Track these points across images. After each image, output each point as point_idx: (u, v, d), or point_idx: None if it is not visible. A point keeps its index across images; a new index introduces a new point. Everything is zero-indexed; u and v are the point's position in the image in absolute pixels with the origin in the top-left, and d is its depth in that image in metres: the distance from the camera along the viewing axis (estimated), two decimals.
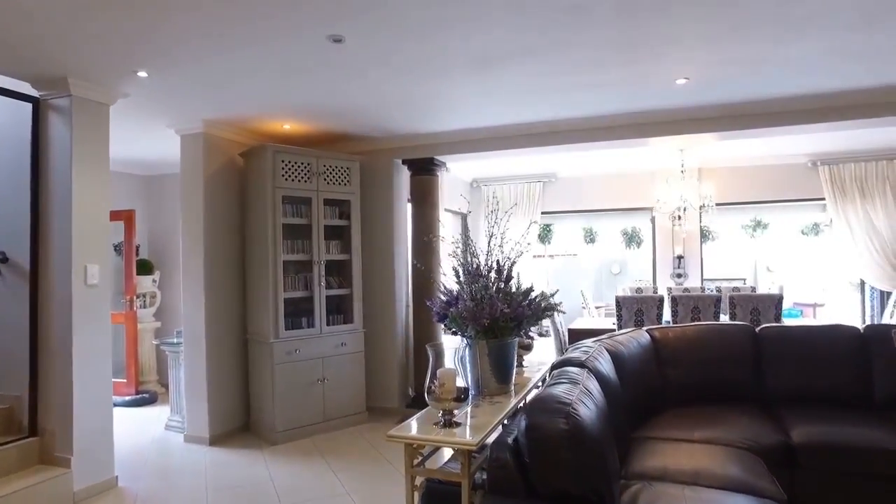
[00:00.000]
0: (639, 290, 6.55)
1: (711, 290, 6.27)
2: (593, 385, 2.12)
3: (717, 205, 5.78)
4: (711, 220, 6.91)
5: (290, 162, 4.50)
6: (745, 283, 8.25)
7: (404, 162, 5.33)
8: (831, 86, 3.65)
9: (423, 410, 2.43)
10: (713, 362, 3.44)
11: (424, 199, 5.34)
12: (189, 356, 4.46)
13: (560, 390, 1.89)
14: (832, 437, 2.79)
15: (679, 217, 6.24)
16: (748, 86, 3.68)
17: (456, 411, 2.14)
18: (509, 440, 1.83)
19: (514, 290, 2.57)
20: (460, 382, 2.21)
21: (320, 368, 4.63)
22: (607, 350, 2.86)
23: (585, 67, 3.31)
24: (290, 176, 4.50)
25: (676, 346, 3.47)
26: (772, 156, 6.18)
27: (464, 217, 7.90)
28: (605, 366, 2.60)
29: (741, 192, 6.33)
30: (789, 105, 3.97)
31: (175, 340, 4.76)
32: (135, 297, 5.71)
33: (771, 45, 3.00)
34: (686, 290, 6.06)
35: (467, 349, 2.59)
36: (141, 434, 4.67)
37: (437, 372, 2.10)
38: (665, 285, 6.74)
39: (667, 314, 4.98)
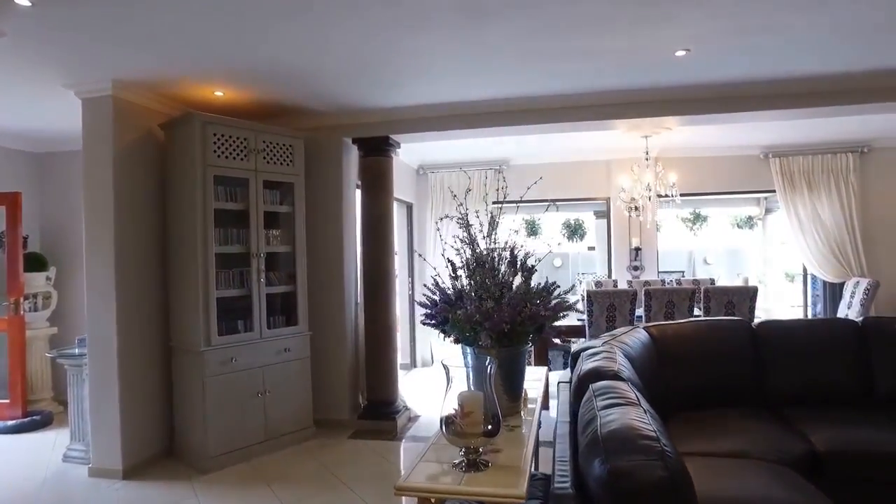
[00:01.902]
0: (598, 283, 6.32)
1: (670, 283, 6.15)
2: (645, 404, 1.69)
3: (669, 196, 5.63)
4: (664, 212, 6.81)
5: (223, 136, 3.78)
6: (683, 276, 8.32)
7: (355, 141, 4.73)
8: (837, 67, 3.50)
9: (428, 446, 1.90)
10: (713, 361, 3.18)
11: (376, 184, 4.76)
12: (96, 370, 3.64)
13: (632, 417, 1.44)
14: (856, 443, 2.58)
15: (636, 208, 6.06)
16: (751, 63, 3.43)
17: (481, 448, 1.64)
18: (567, 489, 1.36)
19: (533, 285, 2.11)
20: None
21: (261, 379, 3.95)
22: (623, 354, 2.47)
23: (584, 27, 2.90)
24: (223, 152, 3.78)
25: (676, 345, 3.18)
26: (727, 147, 6.14)
27: (409, 207, 7.36)
28: (632, 375, 2.20)
29: (697, 183, 6.24)
30: (789, 88, 3.81)
31: (76, 351, 3.90)
32: (22, 299, 4.71)
33: (785, 15, 2.73)
34: (658, 283, 5.91)
35: (471, 357, 2.11)
36: (31, 468, 3.78)
37: (460, 396, 1.59)
38: (622, 279, 6.57)
39: (639, 309, 4.74)
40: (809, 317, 6.54)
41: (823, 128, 5.41)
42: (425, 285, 2.48)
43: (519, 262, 2.14)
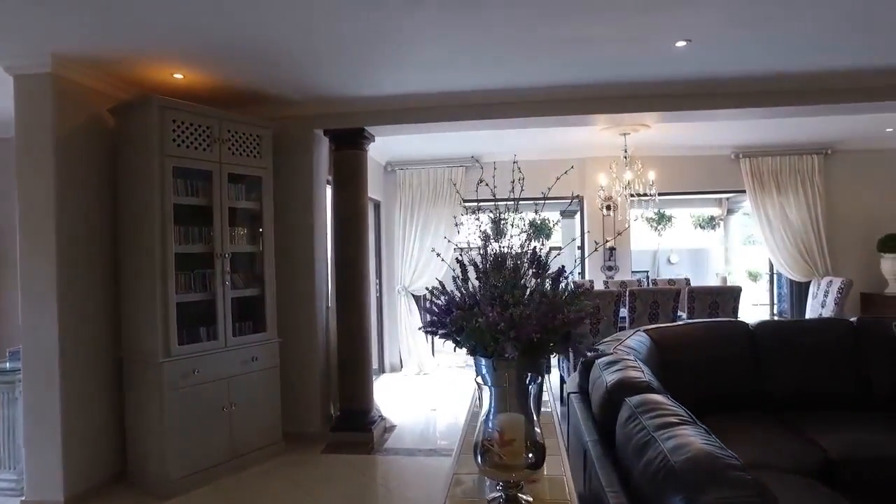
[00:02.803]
0: (577, 284, 6.20)
1: (645, 282, 6.12)
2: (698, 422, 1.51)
3: (648, 195, 5.59)
4: (631, 212, 6.78)
5: (184, 123, 3.40)
6: (648, 276, 8.38)
7: (326, 133, 4.41)
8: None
9: (450, 479, 1.65)
10: (714, 364, 3.07)
11: (350, 179, 4.46)
12: (32, 387, 3.19)
13: (704, 442, 1.25)
14: (868, 449, 2.53)
15: (610, 207, 6.00)
16: (751, 57, 3.35)
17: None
18: None
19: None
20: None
21: (226, 392, 3.59)
22: (639, 361, 2.29)
23: (582, 12, 2.72)
24: (184, 141, 3.40)
25: (676, 349, 3.04)
26: (699, 146, 6.16)
27: (377, 205, 7.06)
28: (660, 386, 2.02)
29: (669, 183, 6.22)
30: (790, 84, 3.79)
31: (7, 366, 3.42)
32: None
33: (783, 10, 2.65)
34: (634, 283, 5.83)
35: (487, 375, 1.87)
36: None
37: (498, 421, 1.35)
38: (598, 279, 6.49)
39: (622, 310, 4.63)
40: (775, 315, 6.65)
41: (790, 129, 5.49)
42: (428, 289, 2.23)
43: (542, 264, 1.91)
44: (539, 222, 11.26)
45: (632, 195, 5.64)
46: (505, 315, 1.72)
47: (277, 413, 3.95)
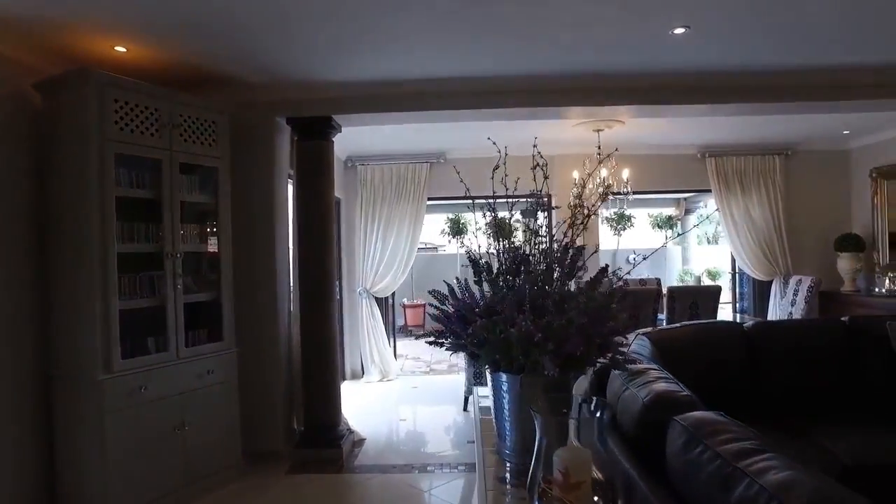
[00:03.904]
0: None
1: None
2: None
3: (623, 192, 5.50)
4: (603, 211, 6.71)
5: (128, 103, 2.95)
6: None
7: (290, 121, 4.03)
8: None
9: None
10: (711, 367, 2.93)
11: (316, 174, 4.09)
12: None
13: (814, 482, 1.03)
14: (879, 454, 2.43)
15: (581, 205, 5.86)
16: (753, 48, 3.24)
17: None
18: None
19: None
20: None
21: (178, 410, 3.16)
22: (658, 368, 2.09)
23: None
24: (128, 125, 2.95)
25: (674, 352, 2.86)
26: (666, 145, 6.13)
27: (337, 202, 6.66)
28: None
29: (636, 182, 6.16)
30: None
31: None
32: None
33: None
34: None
35: (507, 394, 1.62)
36: None
37: (561, 457, 1.08)
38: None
39: None
40: (738, 313, 6.74)
41: (755, 129, 5.53)
42: (431, 292, 1.94)
43: (576, 264, 1.68)
44: (498, 221, 11.12)
45: (614, 193, 5.55)
46: (540, 324, 1.47)
47: (237, 431, 3.54)
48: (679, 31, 2.96)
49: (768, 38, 3.11)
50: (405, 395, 5.70)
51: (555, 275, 1.67)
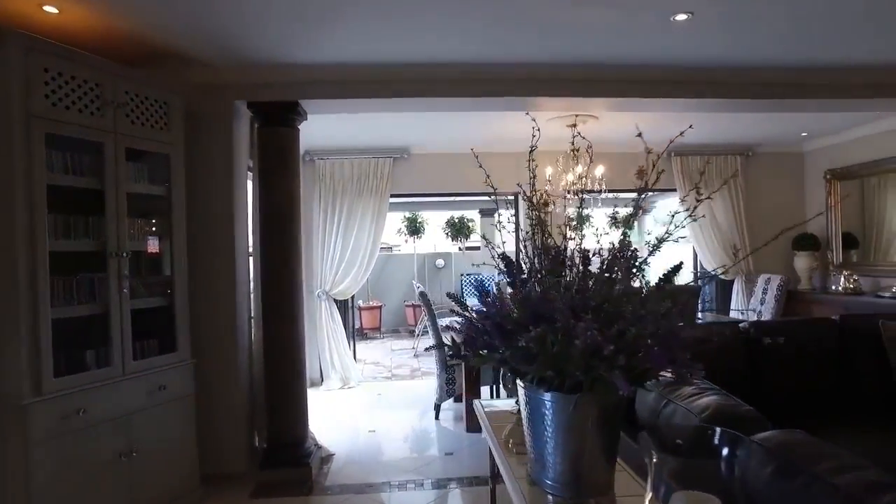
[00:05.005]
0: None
1: None
2: None
3: (598, 190, 5.40)
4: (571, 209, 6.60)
5: (62, 75, 2.50)
6: None
7: (251, 106, 3.63)
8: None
9: None
10: (713, 370, 2.79)
11: (280, 164, 3.71)
12: None
13: None
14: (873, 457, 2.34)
15: (547, 203, 5.73)
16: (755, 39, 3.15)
17: None
18: None
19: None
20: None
21: (125, 434, 2.73)
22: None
23: None
24: (62, 100, 2.50)
25: None
26: (635, 143, 6.07)
27: None
28: None
29: (606, 180, 6.10)
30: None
31: None
32: None
33: None
34: None
35: (553, 415, 1.37)
36: None
37: (676, 499, 0.84)
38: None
39: None
40: (700, 313, 6.79)
41: (718, 129, 5.57)
42: (448, 295, 1.67)
43: (635, 263, 1.45)
44: (457, 221, 10.86)
45: (590, 191, 5.43)
46: (609, 334, 1.22)
47: (193, 453, 3.13)
48: (681, 17, 2.82)
49: (772, 29, 3.03)
50: (370, 404, 5.37)
51: (614, 276, 1.43)
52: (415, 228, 10.21)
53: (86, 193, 2.65)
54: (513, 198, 6.85)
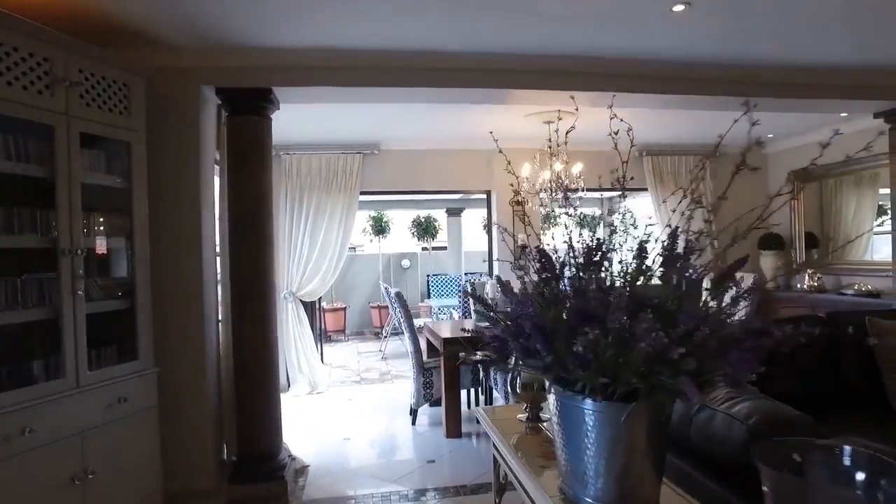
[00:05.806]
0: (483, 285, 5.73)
1: None
2: None
3: (577, 189, 5.33)
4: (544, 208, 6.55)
5: (2, 45, 2.19)
6: None
7: (219, 92, 3.35)
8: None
9: None
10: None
11: (250, 155, 3.45)
12: None
13: None
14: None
15: (520, 202, 5.67)
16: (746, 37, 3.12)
17: None
18: None
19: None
20: None
21: (79, 454, 2.42)
22: None
23: None
24: (2, 74, 2.19)
25: None
26: (607, 141, 6.06)
27: None
28: None
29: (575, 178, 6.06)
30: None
31: None
32: None
33: None
34: None
35: (598, 419, 1.23)
36: None
37: None
38: (512, 279, 6.09)
39: None
40: None
41: (688, 129, 5.63)
42: (475, 298, 1.51)
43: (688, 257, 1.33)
44: (424, 220, 10.67)
45: (569, 189, 5.34)
46: (674, 336, 1.09)
47: (157, 471, 2.83)
48: (679, 7, 2.75)
49: (767, 24, 3.01)
50: (342, 410, 5.13)
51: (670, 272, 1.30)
52: (380, 228, 9.98)
53: (34, 182, 2.34)
54: (485, 196, 6.75)
